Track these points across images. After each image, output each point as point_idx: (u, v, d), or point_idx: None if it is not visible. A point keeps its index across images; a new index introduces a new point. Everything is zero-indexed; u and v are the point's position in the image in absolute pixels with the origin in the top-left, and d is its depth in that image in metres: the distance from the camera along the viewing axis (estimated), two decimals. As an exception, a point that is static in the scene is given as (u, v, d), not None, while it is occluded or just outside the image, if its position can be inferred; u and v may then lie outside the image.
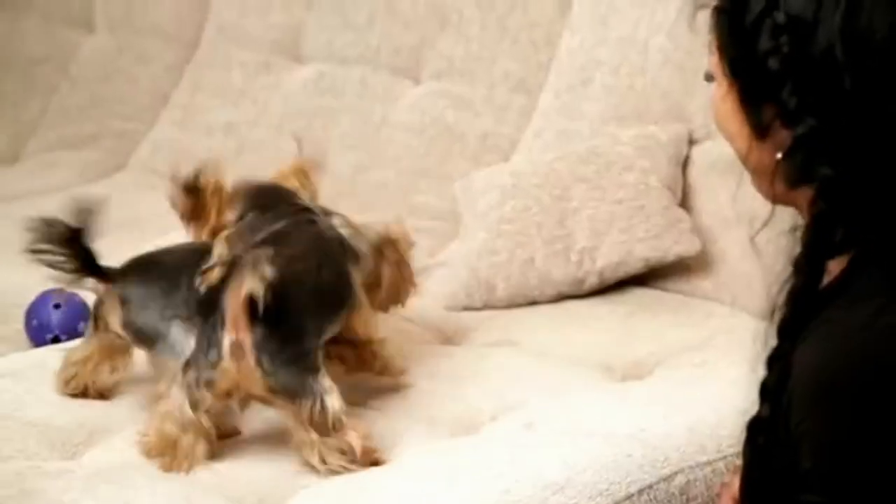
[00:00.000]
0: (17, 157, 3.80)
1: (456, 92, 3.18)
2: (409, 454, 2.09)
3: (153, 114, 3.70)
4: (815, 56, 1.46)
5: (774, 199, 1.57)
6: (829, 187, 1.48)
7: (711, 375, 2.28)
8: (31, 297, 2.61)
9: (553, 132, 2.95)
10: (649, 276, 2.72)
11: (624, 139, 2.78)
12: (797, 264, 1.54)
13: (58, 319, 2.56)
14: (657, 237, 2.68)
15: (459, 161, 3.09)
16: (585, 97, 2.92)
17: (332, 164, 3.24)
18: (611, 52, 2.90)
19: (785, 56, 1.48)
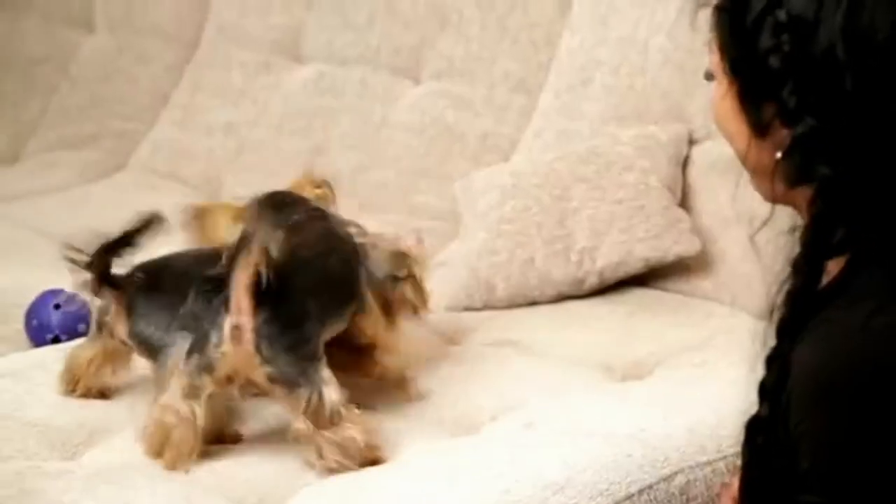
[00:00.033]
0: (17, 157, 3.81)
1: (456, 92, 3.18)
2: (409, 454, 2.09)
3: (153, 114, 3.70)
4: (816, 55, 1.46)
5: (773, 199, 1.56)
6: (829, 187, 1.48)
7: (711, 375, 2.28)
8: (31, 297, 2.61)
9: (553, 132, 2.95)
10: (649, 276, 2.72)
11: (624, 139, 2.79)
12: (796, 264, 1.54)
13: (58, 319, 2.56)
14: (657, 237, 2.68)
15: (459, 161, 3.09)
16: (585, 97, 2.92)
17: (332, 164, 3.24)
18: (611, 52, 2.90)
19: (786, 55, 1.48)
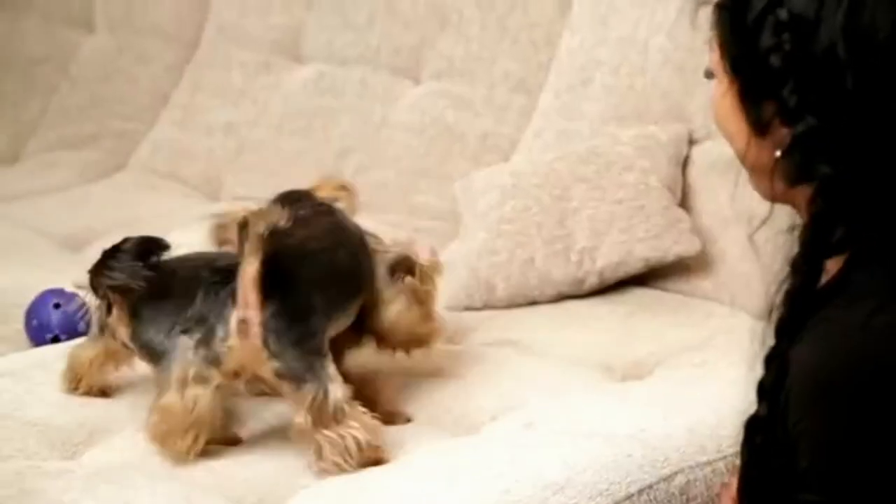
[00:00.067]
0: (17, 157, 3.81)
1: (456, 92, 3.18)
2: (409, 454, 2.09)
3: (153, 114, 3.70)
4: (817, 54, 1.46)
5: (773, 198, 1.56)
6: (829, 186, 1.48)
7: (711, 375, 2.28)
8: (31, 297, 2.61)
9: (553, 132, 2.95)
10: (649, 276, 2.72)
11: (624, 139, 2.78)
12: (795, 263, 1.54)
13: (58, 319, 2.56)
14: (657, 237, 2.68)
15: (459, 161, 3.09)
16: (585, 97, 2.92)
17: (332, 164, 3.24)
18: (611, 52, 2.90)
19: (786, 54, 1.48)
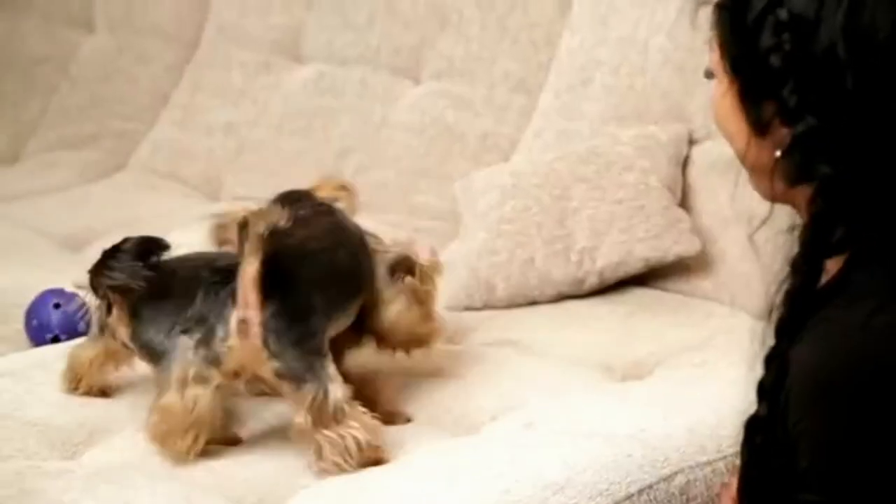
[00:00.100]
0: (17, 157, 3.81)
1: (456, 92, 3.18)
2: (409, 454, 2.09)
3: (153, 114, 3.70)
4: (817, 54, 1.46)
5: (772, 198, 1.56)
6: (829, 186, 1.48)
7: (711, 375, 2.28)
8: (31, 297, 2.61)
9: (553, 132, 2.95)
10: (649, 276, 2.72)
11: (624, 139, 2.78)
12: (795, 263, 1.54)
13: (58, 319, 2.56)
14: (657, 237, 2.68)
15: (459, 161, 3.09)
16: (585, 97, 2.92)
17: (332, 164, 3.24)
18: (611, 52, 2.90)
19: (786, 53, 1.48)
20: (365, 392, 2.15)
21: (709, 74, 1.58)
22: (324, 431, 2.01)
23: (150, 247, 2.11)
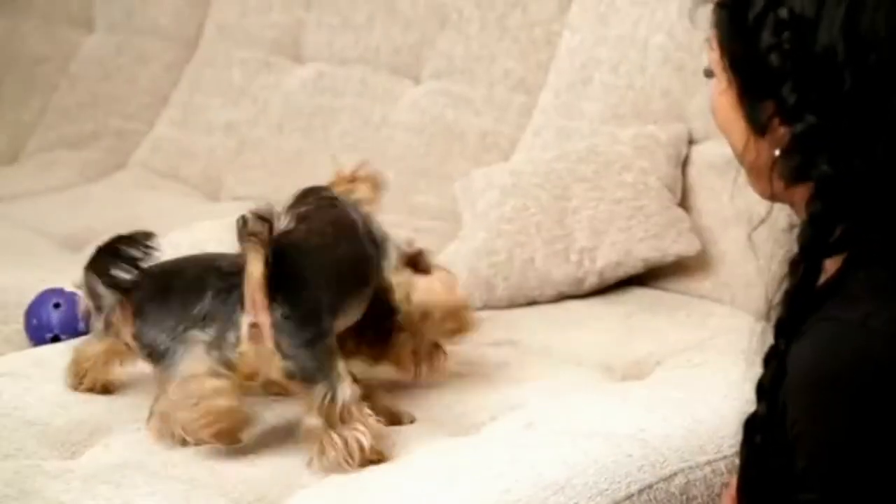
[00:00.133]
0: (17, 157, 3.81)
1: (456, 91, 3.18)
2: (409, 454, 2.09)
3: (153, 113, 3.70)
4: (817, 53, 1.46)
5: (770, 197, 1.57)
6: (827, 185, 1.48)
7: (711, 375, 2.28)
8: (31, 297, 2.61)
9: (553, 131, 2.95)
10: (649, 276, 2.72)
11: (623, 138, 2.78)
12: (793, 263, 1.54)
13: (58, 319, 2.56)
14: (656, 237, 2.68)
15: (459, 161, 3.09)
16: (585, 96, 2.92)
17: (331, 164, 3.24)
18: (610, 51, 2.90)
19: (786, 53, 1.48)
20: (372, 390, 2.16)
21: (708, 73, 1.58)
22: (329, 432, 2.01)
23: (139, 243, 2.11)
